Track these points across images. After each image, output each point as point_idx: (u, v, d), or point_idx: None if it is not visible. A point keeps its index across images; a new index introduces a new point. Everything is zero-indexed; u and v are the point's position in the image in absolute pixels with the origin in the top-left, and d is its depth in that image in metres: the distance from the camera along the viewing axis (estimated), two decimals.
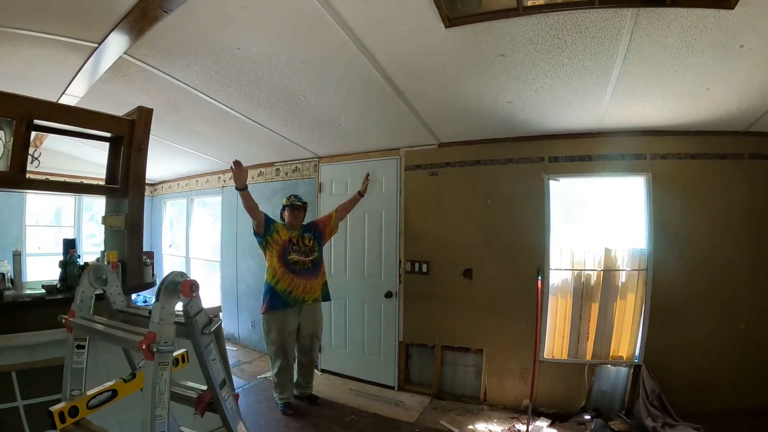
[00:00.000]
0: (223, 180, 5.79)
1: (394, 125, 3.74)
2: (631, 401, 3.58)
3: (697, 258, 3.52)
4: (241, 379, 4.53)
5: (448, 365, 4.16)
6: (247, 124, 3.86)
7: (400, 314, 4.23)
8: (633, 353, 3.70)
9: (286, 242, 3.64)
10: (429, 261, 4.12)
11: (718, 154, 3.50)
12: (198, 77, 3.02)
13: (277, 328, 3.60)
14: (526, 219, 3.81)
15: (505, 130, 3.72)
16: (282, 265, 3.60)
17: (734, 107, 3.03)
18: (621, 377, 3.67)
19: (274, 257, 3.62)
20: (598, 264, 3.79)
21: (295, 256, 3.64)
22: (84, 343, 1.69)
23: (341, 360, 4.59)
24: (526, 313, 3.72)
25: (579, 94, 2.95)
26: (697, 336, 3.50)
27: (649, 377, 3.49)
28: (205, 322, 1.55)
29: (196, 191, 6.34)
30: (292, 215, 3.77)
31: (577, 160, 3.70)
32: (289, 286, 3.60)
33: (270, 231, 3.61)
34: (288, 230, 3.72)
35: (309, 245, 3.77)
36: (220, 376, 1.56)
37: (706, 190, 3.53)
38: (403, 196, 4.22)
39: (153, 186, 7.38)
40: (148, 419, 1.35)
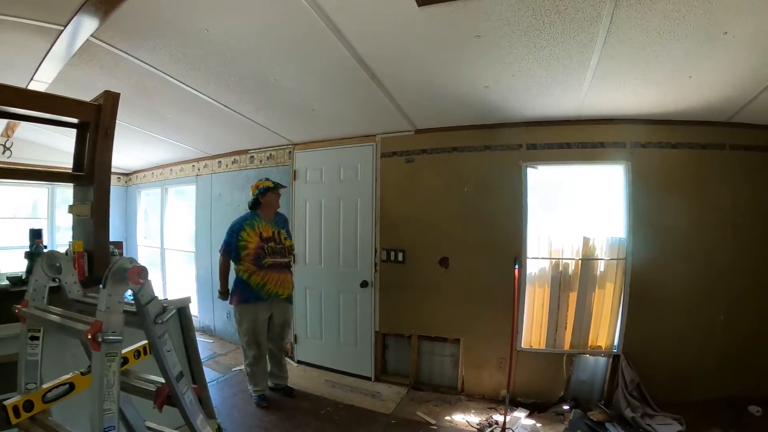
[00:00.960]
0: (197, 168, 5.61)
1: (370, 111, 3.60)
2: (610, 391, 3.53)
3: (676, 248, 3.49)
4: (216, 371, 4.40)
5: (425, 355, 4.07)
6: (218, 110, 3.70)
7: (376, 304, 4.13)
8: (612, 343, 3.66)
9: (258, 247, 3.47)
10: (405, 249, 4.02)
11: (699, 144, 3.45)
12: (166, 60, 2.86)
13: (250, 318, 3.47)
14: (503, 207, 3.72)
15: (483, 117, 3.62)
16: (254, 265, 3.48)
17: (716, 96, 2.98)
18: (600, 367, 3.64)
19: (246, 262, 3.47)
20: (577, 253, 3.74)
21: (270, 259, 3.50)
22: (38, 335, 1.59)
23: (317, 351, 4.47)
24: (504, 302, 3.62)
25: (558, 79, 2.84)
26: (677, 326, 3.48)
27: (628, 367, 3.46)
28: (158, 312, 1.44)
29: (170, 180, 6.14)
30: (276, 197, 3.63)
31: (555, 148, 3.62)
32: (263, 279, 3.47)
33: (239, 249, 3.46)
34: (259, 226, 3.55)
35: (285, 244, 3.65)
36: (177, 369, 1.46)
37: (687, 181, 3.49)
38: (379, 183, 4.10)
39: (128, 176, 7.16)
40: (95, 414, 1.25)
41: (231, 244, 3.47)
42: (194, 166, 5.66)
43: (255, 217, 3.56)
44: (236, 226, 3.50)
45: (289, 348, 4.62)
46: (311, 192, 4.41)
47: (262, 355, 3.62)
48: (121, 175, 7.12)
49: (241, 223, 3.50)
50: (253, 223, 3.53)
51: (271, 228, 3.60)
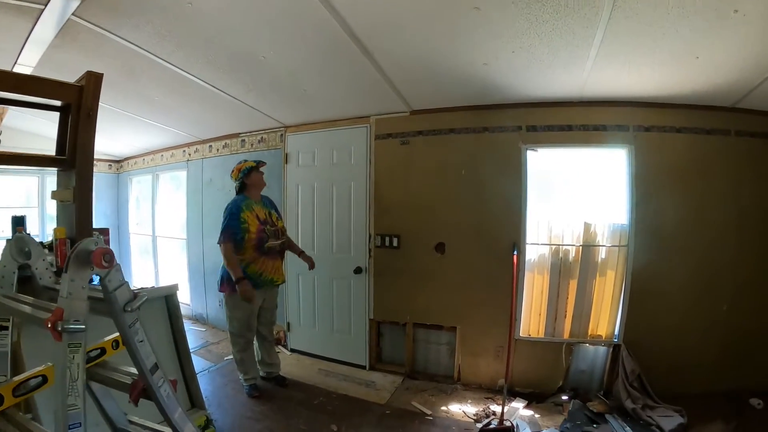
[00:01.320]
0: (188, 154, 5.44)
1: (363, 91, 3.43)
2: (610, 381, 3.44)
3: (680, 235, 3.37)
4: (208, 360, 4.28)
5: (420, 343, 3.96)
6: (206, 91, 3.52)
7: (371, 291, 3.99)
8: (612, 332, 3.55)
9: (260, 231, 3.31)
10: (400, 235, 3.88)
11: (704, 129, 3.32)
12: (150, 38, 2.70)
13: (246, 307, 3.33)
14: (502, 191, 3.58)
15: (481, 97, 3.45)
16: (256, 252, 3.32)
17: (723, 80, 2.84)
18: (599, 357, 3.54)
19: (248, 248, 3.30)
20: (577, 239, 3.61)
21: (271, 241, 3.36)
22: (7, 324, 1.51)
23: (310, 339, 4.35)
24: (502, 289, 3.52)
25: (560, 57, 2.67)
26: (679, 316, 3.38)
27: (629, 357, 3.34)
28: (128, 298, 1.33)
29: (161, 166, 5.98)
30: (260, 176, 3.47)
31: (556, 130, 3.47)
32: (261, 267, 3.33)
33: (242, 231, 3.27)
34: (254, 207, 3.38)
35: (278, 226, 3.50)
36: (151, 360, 1.36)
37: (691, 167, 3.36)
38: (373, 166, 3.94)
39: (119, 163, 6.98)
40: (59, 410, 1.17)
41: (234, 228, 3.25)
42: (185, 152, 5.49)
43: (247, 199, 3.40)
44: (235, 209, 3.29)
45: (282, 336, 4.51)
46: (303, 176, 4.26)
47: (251, 341, 3.51)
48: (112, 162, 6.95)
49: (239, 205, 3.31)
50: (249, 205, 3.37)
51: (263, 209, 3.45)
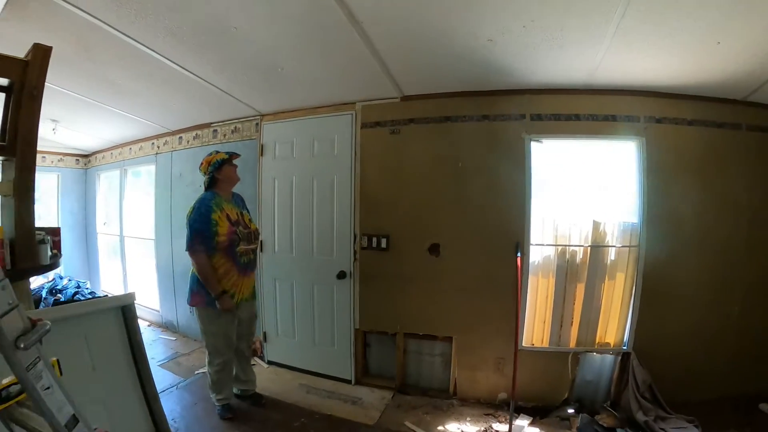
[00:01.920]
0: (156, 146, 4.93)
1: (349, 71, 2.98)
2: (618, 391, 3.19)
3: (690, 236, 3.15)
4: (176, 375, 3.81)
5: (412, 355, 3.53)
6: (172, 72, 3.07)
7: (356, 297, 3.55)
8: (621, 339, 3.27)
9: (231, 233, 2.83)
10: (389, 235, 3.43)
11: (716, 122, 3.11)
12: (104, 5, 2.27)
13: (220, 323, 2.87)
14: (503, 186, 3.19)
15: (482, 81, 3.05)
16: (228, 259, 2.84)
17: (740, 70, 2.65)
18: (606, 365, 3.27)
19: (218, 254, 2.82)
20: (585, 239, 3.28)
21: (243, 245, 2.89)
22: None
23: (290, 351, 3.88)
24: (503, 295, 3.15)
25: (575, 36, 2.36)
26: (689, 320, 3.17)
27: (640, 366, 3.09)
28: (20, 330, 0.93)
29: (129, 161, 5.44)
30: (233, 170, 3.00)
31: (563, 119, 3.13)
32: (233, 287, 2.87)
33: (213, 234, 2.77)
34: (225, 206, 2.90)
35: (252, 228, 3.04)
36: (66, 412, 0.98)
37: (701, 161, 3.14)
38: (359, 158, 3.49)
39: (86, 157, 6.44)
40: None
41: (205, 233, 2.75)
42: (153, 144, 4.97)
43: (216, 196, 2.91)
44: (204, 208, 2.79)
45: (258, 347, 4.05)
46: (281, 169, 3.78)
47: (230, 359, 3.05)
48: (79, 156, 6.40)
49: (209, 204, 2.82)
50: (220, 203, 2.88)
51: (235, 208, 2.98)
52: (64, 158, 6.24)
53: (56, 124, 4.91)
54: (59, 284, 5.53)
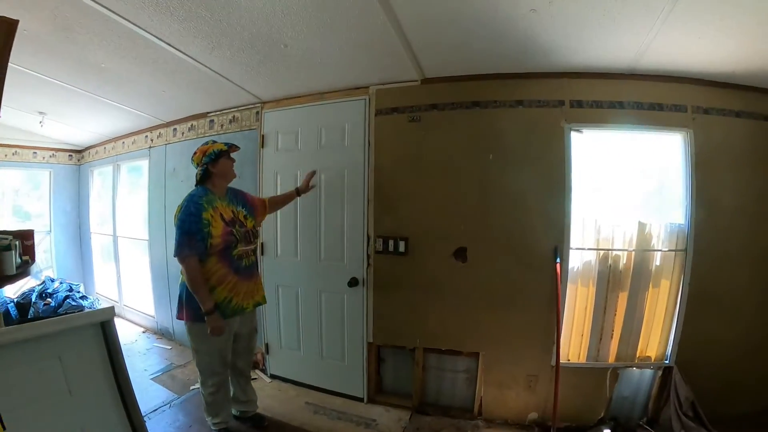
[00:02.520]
0: (150, 139, 4.48)
1: (363, 48, 2.52)
2: (657, 408, 2.87)
3: (741, 236, 2.81)
4: (170, 390, 3.39)
5: (432, 371, 3.09)
6: (160, 52, 2.66)
7: (369, 308, 3.09)
8: (663, 353, 2.90)
9: (227, 233, 2.39)
10: (408, 237, 2.97)
11: (762, 115, 2.79)
12: None
13: (213, 340, 2.41)
14: (540, 182, 2.75)
15: (517, 60, 2.61)
16: (224, 264, 2.39)
17: None
18: (645, 381, 2.96)
19: (212, 258, 2.37)
20: (629, 243, 2.86)
21: (241, 247, 2.45)
22: None
23: (294, 364, 3.43)
24: (538, 305, 2.77)
25: (630, 8, 2.00)
26: (734, 330, 2.84)
27: (683, 382, 2.77)
28: None
29: (122, 155, 5.00)
30: (230, 164, 2.55)
31: (605, 107, 2.72)
32: (231, 292, 2.42)
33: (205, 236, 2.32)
34: (218, 204, 2.46)
35: (249, 226, 2.58)
36: None
37: (753, 157, 2.81)
38: (373, 149, 3.02)
39: (80, 153, 6.00)
40: None
41: (196, 235, 2.29)
42: (147, 137, 4.53)
43: (208, 193, 2.47)
44: (194, 207, 2.34)
45: (260, 359, 3.61)
46: (284, 162, 3.31)
47: (225, 379, 2.61)
48: (72, 152, 5.97)
49: (199, 202, 2.36)
50: (212, 200, 2.43)
51: (229, 206, 2.53)
52: (56, 154, 5.81)
53: (43, 117, 4.52)
54: (50, 287, 5.10)
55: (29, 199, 5.89)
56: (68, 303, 4.88)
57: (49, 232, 5.81)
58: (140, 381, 3.57)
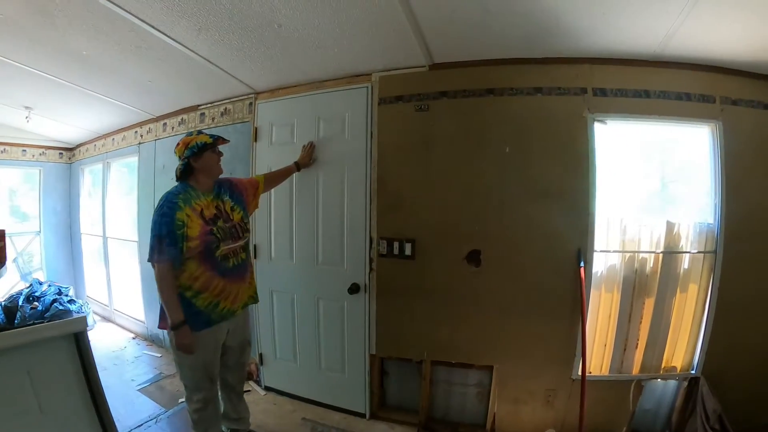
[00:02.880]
0: (139, 135, 4.19)
1: (365, 29, 2.23)
2: (681, 420, 2.62)
3: None
4: (158, 403, 3.12)
5: (440, 384, 2.81)
6: (144, 36, 2.39)
7: (372, 316, 2.79)
8: (689, 363, 2.64)
9: (205, 233, 2.09)
10: (415, 239, 2.66)
11: None
12: None
13: (198, 352, 2.12)
14: (561, 177, 2.46)
15: (535, 44, 2.32)
16: (207, 267, 2.09)
17: None
18: (669, 392, 2.73)
19: (192, 264, 2.07)
20: (657, 244, 2.59)
21: (225, 246, 2.16)
22: None
23: (291, 376, 3.14)
24: (557, 314, 2.50)
25: None
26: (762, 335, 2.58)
27: (710, 394, 2.54)
28: None
29: (112, 152, 4.72)
30: (216, 158, 2.24)
31: (630, 96, 2.45)
32: (217, 296, 2.13)
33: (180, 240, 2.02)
34: (198, 202, 2.16)
35: (235, 219, 2.29)
36: None
37: None
38: (376, 142, 2.71)
39: (71, 151, 5.71)
40: None
41: (169, 237, 2.00)
42: (137, 132, 4.24)
43: (189, 189, 2.17)
44: (168, 207, 2.05)
45: (254, 370, 3.32)
46: (278, 157, 2.98)
47: (213, 395, 2.30)
48: (63, 150, 5.68)
49: (174, 200, 2.07)
50: (189, 198, 2.13)
51: (213, 201, 2.24)
52: (46, 152, 5.53)
53: (29, 112, 4.25)
54: (38, 290, 4.82)
55: (27, 199, 5.62)
56: (55, 307, 4.61)
57: (39, 232, 5.53)
58: (126, 392, 3.31)
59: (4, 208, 5.50)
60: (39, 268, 5.54)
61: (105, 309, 5.11)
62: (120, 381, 3.52)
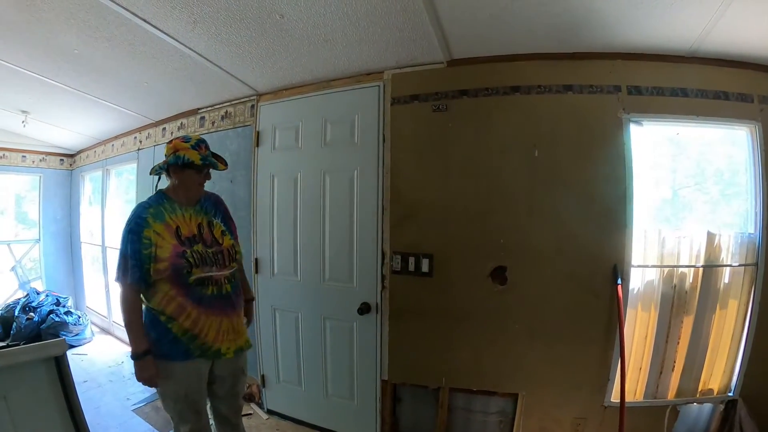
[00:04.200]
0: (139, 141, 3.89)
1: (377, 21, 1.92)
2: None
3: None
4: (152, 426, 2.80)
5: (458, 412, 2.45)
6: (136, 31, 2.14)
7: (384, 339, 2.44)
8: (727, 385, 2.34)
9: (176, 255, 1.73)
10: (432, 254, 2.31)
11: None
12: None
13: (176, 382, 1.76)
14: (595, 184, 2.13)
15: (565, 37, 2.03)
16: (179, 291, 1.74)
17: None
18: (703, 416, 2.39)
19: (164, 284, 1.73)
20: (696, 257, 2.26)
21: (201, 273, 1.78)
22: None
23: (295, 400, 2.79)
24: (589, 336, 2.17)
25: None
26: None
27: (748, 417, 2.25)
28: None
29: (111, 159, 4.42)
30: (194, 181, 1.86)
31: (667, 95, 2.14)
32: (194, 326, 1.75)
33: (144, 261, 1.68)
34: (174, 216, 1.81)
35: (225, 245, 1.91)
36: None
37: None
38: (389, 146, 2.38)
39: (72, 157, 5.41)
40: None
41: (134, 257, 1.68)
42: (136, 138, 3.94)
43: (164, 202, 1.83)
44: (135, 223, 1.71)
45: (256, 391, 2.98)
46: (282, 163, 2.68)
47: (202, 427, 1.94)
48: (63, 156, 5.38)
49: (143, 216, 1.73)
50: (162, 212, 1.78)
51: (195, 217, 1.88)
52: (46, 158, 5.23)
53: (26, 116, 3.97)
54: (34, 300, 4.50)
55: (34, 206, 5.32)
56: (51, 318, 4.29)
57: (38, 240, 5.22)
58: (120, 413, 2.99)
59: (9, 214, 5.22)
60: (38, 277, 5.22)
61: (104, 320, 4.78)
62: (115, 399, 3.20)
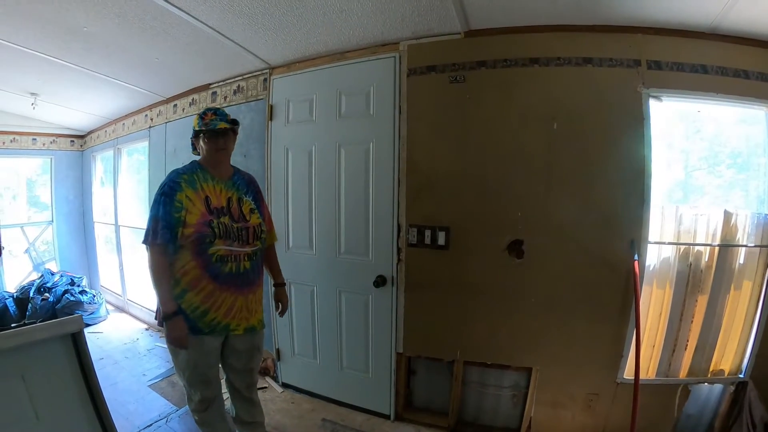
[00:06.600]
0: (149, 118, 3.84)
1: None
2: (723, 427, 2.31)
3: None
4: (168, 400, 2.80)
5: (472, 386, 2.45)
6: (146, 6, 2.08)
7: (399, 312, 2.42)
8: (738, 366, 2.32)
9: (204, 222, 1.72)
10: (449, 227, 2.28)
11: None
12: None
13: (187, 352, 1.76)
14: (614, 159, 2.08)
15: (583, 9, 1.96)
16: (198, 263, 1.74)
17: None
18: (713, 397, 2.35)
19: (185, 252, 1.73)
20: (713, 236, 2.22)
21: (223, 246, 1.76)
22: None
23: (310, 373, 2.80)
24: (607, 310, 2.14)
25: None
26: None
27: (758, 400, 2.24)
28: None
29: (122, 138, 4.38)
30: (207, 149, 1.82)
31: (687, 71, 2.07)
32: (206, 302, 1.75)
33: (176, 224, 1.69)
34: (207, 185, 1.80)
35: (253, 222, 1.89)
36: None
37: None
38: (406, 118, 2.33)
39: (82, 138, 5.36)
40: None
41: (166, 218, 1.68)
42: (147, 116, 3.89)
43: (198, 171, 1.82)
44: (168, 186, 1.72)
45: (270, 365, 2.99)
46: (296, 136, 2.64)
47: (213, 397, 1.94)
48: (74, 137, 5.33)
49: (176, 180, 1.74)
50: (195, 179, 1.77)
51: (226, 191, 1.86)
52: (57, 140, 5.18)
53: (35, 98, 3.91)
54: (49, 281, 4.51)
55: (46, 189, 5.31)
56: (66, 298, 4.29)
57: (51, 222, 5.22)
58: (137, 388, 3.00)
59: (22, 198, 5.20)
60: (52, 258, 5.24)
61: (118, 299, 4.79)
62: (131, 375, 3.21)
